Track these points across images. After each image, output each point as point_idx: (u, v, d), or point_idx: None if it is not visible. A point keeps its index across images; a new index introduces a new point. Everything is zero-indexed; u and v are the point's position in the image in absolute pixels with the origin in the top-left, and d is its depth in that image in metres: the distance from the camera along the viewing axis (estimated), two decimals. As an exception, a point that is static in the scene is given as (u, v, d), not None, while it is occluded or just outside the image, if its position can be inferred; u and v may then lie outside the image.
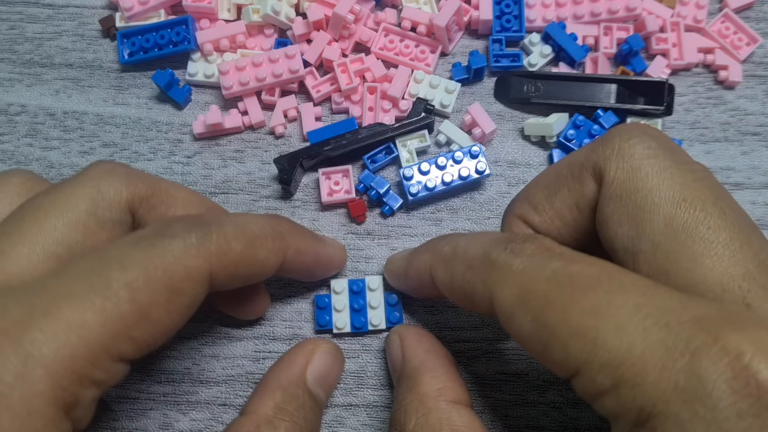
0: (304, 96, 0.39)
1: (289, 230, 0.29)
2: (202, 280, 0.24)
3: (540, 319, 0.21)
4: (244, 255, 0.26)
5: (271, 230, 0.27)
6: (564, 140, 0.36)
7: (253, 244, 0.26)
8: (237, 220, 0.26)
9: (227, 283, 0.26)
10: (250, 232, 0.26)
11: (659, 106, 0.36)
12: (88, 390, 0.21)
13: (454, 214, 0.36)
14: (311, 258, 0.30)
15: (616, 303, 0.19)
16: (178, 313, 0.24)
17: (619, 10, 0.38)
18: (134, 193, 0.27)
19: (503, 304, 0.22)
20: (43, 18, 0.41)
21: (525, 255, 0.23)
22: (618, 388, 0.19)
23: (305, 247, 0.30)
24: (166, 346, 0.34)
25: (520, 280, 0.22)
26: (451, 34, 0.39)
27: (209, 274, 0.24)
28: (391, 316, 0.33)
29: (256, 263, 0.27)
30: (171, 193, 0.29)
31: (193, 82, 0.39)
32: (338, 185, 0.36)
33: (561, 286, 0.21)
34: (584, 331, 0.19)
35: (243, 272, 0.26)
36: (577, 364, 0.20)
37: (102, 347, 0.21)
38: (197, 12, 0.39)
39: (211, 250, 0.24)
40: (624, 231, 0.23)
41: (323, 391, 0.30)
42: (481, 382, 0.33)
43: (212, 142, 0.38)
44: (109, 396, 0.33)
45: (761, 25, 0.40)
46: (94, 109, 0.39)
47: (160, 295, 0.23)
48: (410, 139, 0.37)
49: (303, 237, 0.30)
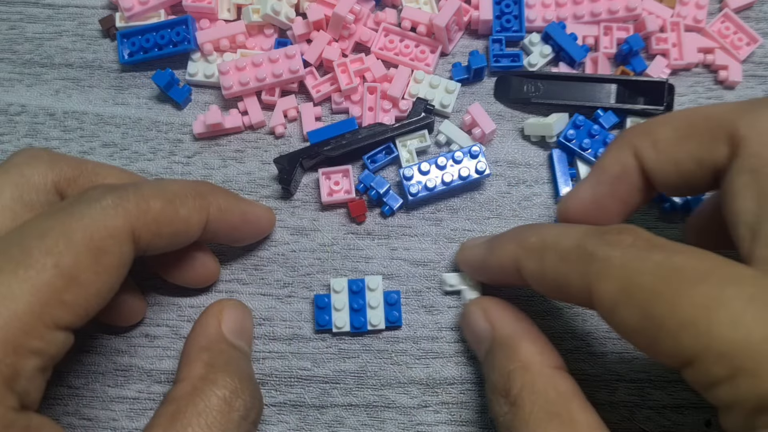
0: (304, 96, 0.39)
1: (211, 190, 0.30)
2: (124, 239, 0.24)
3: (647, 313, 0.21)
4: (165, 212, 0.26)
5: (192, 189, 0.28)
6: (564, 140, 0.36)
7: (173, 202, 0.27)
8: (156, 182, 0.27)
9: (153, 242, 0.26)
10: (170, 191, 0.27)
11: (659, 106, 0.36)
12: (27, 360, 0.22)
13: (454, 214, 0.36)
14: (236, 216, 0.31)
15: (729, 294, 0.19)
16: (108, 273, 0.24)
17: (619, 10, 0.38)
18: (60, 175, 0.28)
19: (605, 297, 0.22)
20: (43, 18, 0.41)
21: (623, 247, 0.22)
22: (735, 378, 0.19)
23: (229, 205, 0.30)
24: (166, 347, 0.34)
25: (622, 274, 0.22)
26: (451, 34, 0.39)
27: (131, 233, 0.25)
28: (390, 315, 0.33)
29: (179, 221, 0.27)
30: (99, 171, 0.29)
31: (193, 82, 0.39)
32: (338, 185, 0.36)
33: (667, 278, 0.20)
34: (696, 322, 0.19)
35: (167, 231, 0.26)
36: (689, 355, 0.20)
37: (34, 315, 0.22)
38: (197, 12, 0.39)
39: (130, 208, 0.25)
40: (751, 207, 0.22)
41: (244, 341, 0.31)
42: (481, 382, 0.33)
43: (212, 142, 0.38)
44: (108, 396, 0.33)
45: (761, 25, 0.40)
46: (94, 109, 0.39)
47: (84, 256, 0.23)
48: (410, 139, 0.37)
49: (225, 196, 0.31)
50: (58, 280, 0.22)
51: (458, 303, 0.34)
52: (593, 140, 0.36)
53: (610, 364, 0.33)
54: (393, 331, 0.34)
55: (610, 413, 0.33)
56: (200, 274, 0.33)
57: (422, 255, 0.35)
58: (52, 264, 0.22)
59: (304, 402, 0.33)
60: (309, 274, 0.35)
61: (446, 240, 0.36)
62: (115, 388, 0.33)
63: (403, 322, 0.34)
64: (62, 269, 0.22)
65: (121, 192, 0.25)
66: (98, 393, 0.33)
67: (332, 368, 0.34)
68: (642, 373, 0.33)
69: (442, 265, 0.35)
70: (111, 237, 0.24)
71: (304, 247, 0.36)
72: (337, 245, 0.36)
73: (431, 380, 0.33)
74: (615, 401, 0.33)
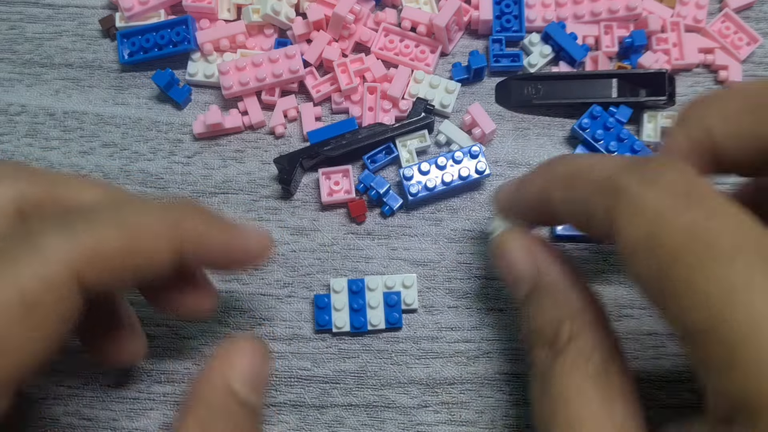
0: (304, 96, 0.39)
1: (187, 215, 0.25)
2: (66, 288, 0.21)
3: (665, 271, 0.19)
4: (122, 249, 0.23)
5: (160, 218, 0.24)
6: (578, 128, 0.36)
7: (134, 236, 0.23)
8: (119, 211, 0.24)
9: (111, 282, 0.23)
10: (131, 223, 0.23)
11: (661, 96, 0.36)
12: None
13: (454, 214, 0.36)
14: (217, 245, 0.26)
15: (755, 283, 0.18)
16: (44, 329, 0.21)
17: (620, 9, 0.38)
18: (23, 199, 0.24)
19: (627, 241, 0.21)
20: (43, 18, 0.41)
21: (661, 187, 0.20)
22: (732, 370, 0.18)
23: (208, 232, 0.26)
24: (166, 347, 0.34)
25: (651, 220, 0.20)
26: (451, 34, 0.39)
27: (75, 279, 0.21)
28: (390, 317, 0.33)
29: (140, 256, 0.23)
30: (71, 188, 0.26)
31: (193, 82, 0.39)
32: (338, 185, 0.36)
33: (697, 242, 0.19)
34: (712, 300, 0.18)
35: (127, 268, 0.23)
36: (694, 329, 0.19)
37: None
38: (197, 12, 0.39)
39: (75, 251, 0.21)
40: None
41: (254, 392, 0.25)
42: (481, 382, 0.33)
43: (212, 142, 0.38)
44: (109, 396, 0.33)
45: (761, 25, 0.40)
46: (94, 109, 0.39)
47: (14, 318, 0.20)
48: (410, 139, 0.37)
49: (206, 222, 0.26)
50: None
51: (458, 303, 0.34)
52: (607, 132, 0.36)
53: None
54: (393, 331, 0.34)
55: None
56: (195, 308, 0.29)
57: (422, 255, 0.35)
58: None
59: (304, 402, 0.33)
60: (309, 274, 0.35)
61: (446, 240, 0.36)
62: (115, 389, 0.33)
63: (403, 322, 0.34)
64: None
65: (69, 231, 0.22)
66: (98, 393, 0.33)
67: (332, 368, 0.34)
68: (642, 372, 0.33)
69: (442, 265, 0.35)
70: (48, 291, 0.21)
71: (304, 247, 0.36)
72: (337, 245, 0.36)
73: (431, 380, 0.33)
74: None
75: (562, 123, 0.38)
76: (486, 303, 0.35)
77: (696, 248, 0.19)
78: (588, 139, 0.36)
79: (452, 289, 0.35)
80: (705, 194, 0.20)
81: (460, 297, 0.35)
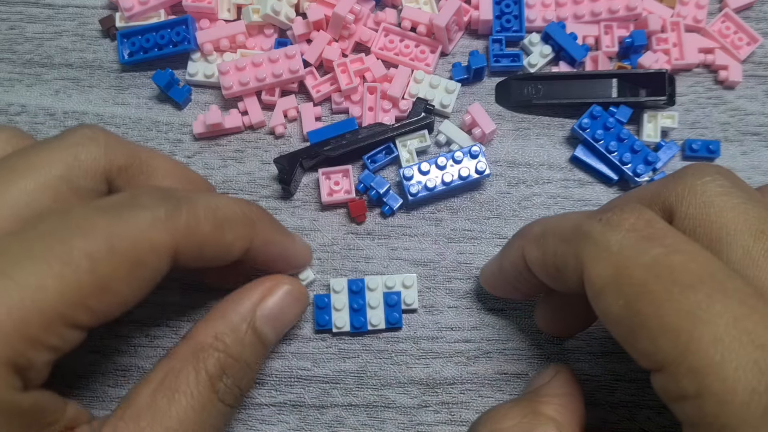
0: (304, 96, 0.39)
1: (260, 218, 0.29)
2: (165, 255, 0.24)
3: (632, 307, 0.20)
4: (212, 236, 0.25)
5: (243, 215, 0.27)
6: (579, 128, 0.36)
7: (221, 227, 0.26)
8: (210, 200, 0.26)
9: (190, 262, 0.25)
10: (221, 214, 0.26)
11: (661, 96, 0.36)
12: (41, 354, 0.22)
13: (454, 214, 0.36)
14: (277, 250, 0.30)
15: (716, 310, 0.19)
16: (139, 286, 0.24)
17: (620, 9, 0.38)
18: (112, 162, 0.27)
19: (595, 281, 0.22)
20: (43, 18, 0.41)
21: (623, 230, 0.22)
22: (702, 398, 0.18)
23: (273, 239, 0.29)
24: (166, 347, 0.34)
25: (616, 261, 0.21)
26: (451, 34, 0.39)
27: (174, 250, 0.24)
28: (390, 317, 0.33)
29: (222, 246, 0.26)
30: (151, 163, 0.28)
31: (193, 82, 0.39)
32: (338, 185, 0.36)
33: (660, 277, 0.20)
34: (678, 331, 0.19)
35: (208, 253, 0.26)
36: (663, 360, 0.19)
37: (57, 314, 0.21)
38: (197, 12, 0.39)
39: (179, 226, 0.24)
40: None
41: (273, 330, 0.29)
42: (481, 382, 0.33)
43: (212, 142, 0.38)
44: (108, 396, 0.33)
45: (761, 25, 0.40)
46: (94, 109, 0.39)
47: (122, 267, 0.22)
48: (410, 139, 0.37)
49: (272, 228, 0.30)
50: (90, 285, 0.22)
51: (458, 303, 0.34)
52: (607, 132, 0.36)
53: (610, 364, 0.33)
54: (393, 331, 0.34)
55: (610, 413, 0.33)
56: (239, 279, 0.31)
57: (422, 255, 0.35)
58: (89, 268, 0.22)
59: (304, 402, 0.33)
60: (309, 274, 0.35)
61: (446, 240, 0.36)
62: (115, 388, 0.33)
63: (403, 322, 0.34)
64: (97, 276, 0.22)
65: (174, 206, 0.24)
66: (98, 393, 0.33)
67: (332, 368, 0.34)
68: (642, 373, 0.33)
69: (442, 265, 0.35)
70: (153, 251, 0.23)
71: (304, 247, 0.36)
72: (337, 245, 0.36)
73: (431, 380, 0.33)
74: (615, 401, 0.33)
75: (562, 123, 0.38)
76: (486, 303, 0.35)
77: (660, 282, 0.20)
78: (588, 139, 0.36)
79: (452, 289, 0.35)
80: (665, 233, 0.22)
81: (460, 297, 0.35)
